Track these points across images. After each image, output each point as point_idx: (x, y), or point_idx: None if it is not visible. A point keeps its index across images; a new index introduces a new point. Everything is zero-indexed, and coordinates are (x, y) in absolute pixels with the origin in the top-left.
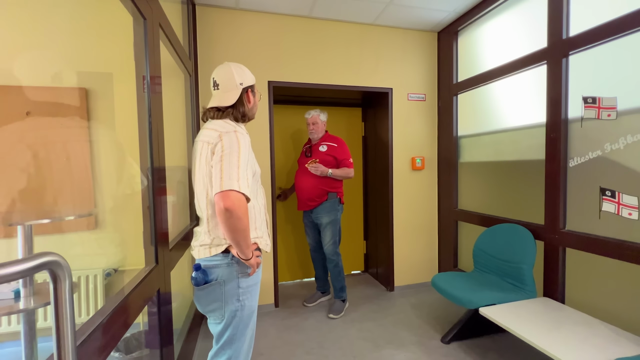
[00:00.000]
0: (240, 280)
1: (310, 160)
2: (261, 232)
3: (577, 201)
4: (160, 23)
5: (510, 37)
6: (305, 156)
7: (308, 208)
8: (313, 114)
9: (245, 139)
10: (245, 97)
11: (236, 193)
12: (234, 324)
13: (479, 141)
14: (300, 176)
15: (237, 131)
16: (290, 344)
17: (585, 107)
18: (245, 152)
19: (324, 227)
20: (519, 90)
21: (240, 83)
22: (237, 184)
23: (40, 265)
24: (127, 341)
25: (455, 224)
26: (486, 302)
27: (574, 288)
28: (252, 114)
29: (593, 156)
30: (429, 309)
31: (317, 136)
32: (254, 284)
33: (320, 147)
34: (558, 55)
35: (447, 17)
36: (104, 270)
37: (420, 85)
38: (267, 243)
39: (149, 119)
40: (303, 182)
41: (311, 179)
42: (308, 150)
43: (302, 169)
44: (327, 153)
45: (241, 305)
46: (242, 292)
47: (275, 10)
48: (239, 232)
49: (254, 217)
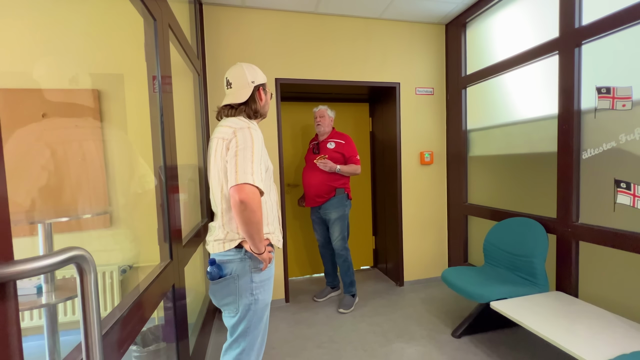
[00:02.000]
0: (254, 275)
1: (319, 157)
2: (273, 227)
3: (591, 194)
4: (170, 23)
5: (520, 27)
6: (312, 153)
7: (316, 204)
8: (321, 107)
9: (259, 135)
10: (257, 94)
11: (250, 186)
12: (248, 318)
13: (488, 134)
14: (308, 173)
15: (250, 127)
16: (301, 338)
17: (599, 97)
18: (259, 147)
19: (332, 223)
20: (529, 81)
21: (252, 81)
22: (252, 177)
23: (68, 259)
24: (143, 335)
25: (465, 219)
26: (497, 296)
27: (587, 282)
28: (265, 111)
29: (607, 147)
30: (439, 304)
31: (324, 130)
32: (267, 279)
33: (328, 143)
34: (570, 45)
35: (455, 9)
36: (119, 267)
37: (428, 79)
38: (279, 239)
39: (160, 118)
40: (311, 179)
41: (319, 175)
42: (316, 147)
43: (310, 165)
44: (335, 150)
45: (255, 299)
46: (255, 287)
47: (281, 7)
48: (252, 225)
49: (266, 212)
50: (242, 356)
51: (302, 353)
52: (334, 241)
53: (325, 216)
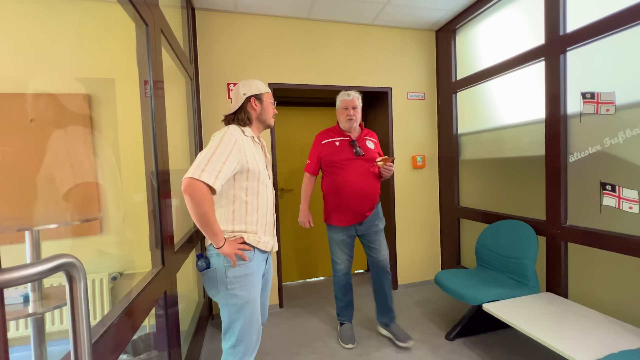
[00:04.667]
0: (228, 270)
1: (382, 157)
2: (253, 227)
3: (578, 196)
4: (162, 28)
5: (508, 34)
6: (354, 154)
7: (362, 219)
8: (354, 95)
9: (232, 138)
10: (248, 104)
11: (195, 181)
12: (228, 312)
13: (479, 138)
14: (354, 180)
15: (227, 131)
16: (295, 344)
17: (584, 102)
18: (225, 148)
19: (378, 234)
20: (518, 87)
21: (244, 94)
22: (200, 173)
23: (57, 267)
24: (134, 343)
25: (457, 221)
26: (489, 298)
27: (577, 282)
28: (263, 119)
29: (593, 151)
30: (432, 307)
31: (356, 126)
32: (244, 275)
33: (368, 142)
34: (556, 52)
35: (445, 16)
36: (109, 274)
37: (419, 84)
38: (267, 241)
39: (152, 124)
40: (363, 187)
41: (373, 182)
42: (357, 147)
43: (356, 170)
44: (376, 150)
45: (231, 294)
46: (229, 282)
47: (274, 13)
48: (197, 217)
49: (245, 212)
50: (233, 350)
51: (296, 359)
52: (382, 256)
53: (368, 230)
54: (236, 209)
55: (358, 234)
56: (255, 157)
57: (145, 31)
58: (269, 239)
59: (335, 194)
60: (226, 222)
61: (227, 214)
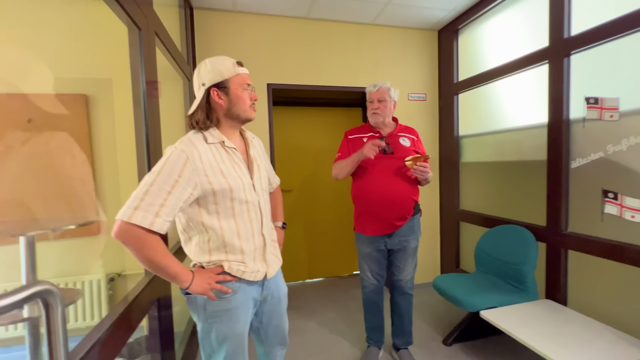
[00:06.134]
0: (207, 303)
1: (413, 156)
2: (236, 256)
3: (579, 203)
4: (157, 31)
5: (512, 35)
6: (381, 152)
7: (393, 229)
8: (381, 87)
9: (181, 156)
10: (210, 99)
11: (125, 224)
12: (203, 345)
13: (480, 141)
14: (379, 181)
15: (175, 148)
16: (292, 346)
17: (587, 107)
18: (172, 171)
19: (407, 253)
20: (520, 89)
21: (201, 84)
22: (132, 213)
23: (32, 295)
24: (130, 346)
25: (457, 225)
26: (487, 305)
27: (577, 290)
28: (235, 113)
29: (595, 157)
30: (430, 310)
31: (383, 120)
32: (225, 310)
33: (401, 139)
34: (560, 55)
35: (447, 16)
36: (107, 275)
37: (420, 85)
38: (256, 270)
39: (145, 126)
40: (390, 190)
41: (404, 186)
42: (386, 144)
43: (383, 171)
44: (412, 148)
45: (210, 328)
46: (209, 315)
47: (273, 12)
48: (144, 264)
49: (222, 240)
50: None
51: None
52: (405, 277)
53: (398, 245)
54: (211, 237)
55: (388, 247)
56: (224, 171)
57: (138, 35)
58: (260, 266)
59: (360, 197)
60: (202, 253)
61: (201, 242)
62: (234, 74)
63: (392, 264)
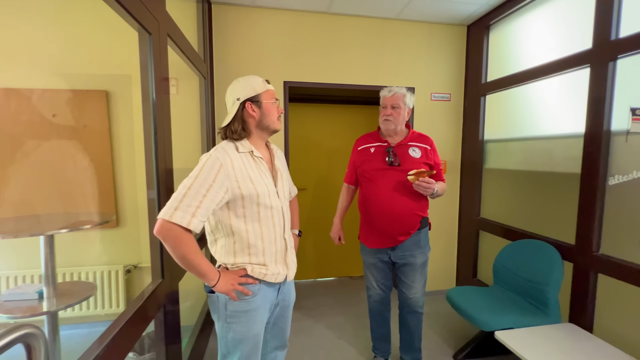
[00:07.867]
0: (228, 303)
1: (417, 170)
2: (259, 258)
3: (615, 223)
4: (169, 33)
5: (549, 34)
6: (387, 163)
7: (395, 244)
8: (396, 92)
9: (216, 162)
10: (244, 112)
11: (166, 222)
12: (224, 344)
13: (507, 147)
14: (382, 195)
15: (211, 155)
16: (297, 348)
17: (633, 119)
18: (207, 176)
19: (414, 269)
20: (555, 94)
21: (237, 98)
22: (173, 213)
23: (13, 341)
24: (141, 340)
25: (476, 233)
26: (504, 326)
27: (604, 316)
28: (265, 125)
29: (637, 176)
30: (443, 320)
31: (395, 127)
32: (245, 311)
33: (411, 149)
34: (604, 59)
35: (479, 10)
36: (124, 267)
37: (445, 84)
38: (277, 272)
39: (154, 127)
40: (393, 204)
41: (406, 202)
42: (392, 155)
43: (387, 184)
44: (422, 160)
45: (228, 328)
46: (229, 315)
47: (293, 7)
48: (178, 260)
49: (247, 242)
50: None
51: None
52: (413, 294)
53: (403, 260)
54: (237, 239)
55: (392, 260)
56: (252, 177)
57: (149, 40)
58: (281, 268)
59: (363, 209)
60: (227, 255)
61: (227, 245)
62: (264, 90)
63: (400, 279)
